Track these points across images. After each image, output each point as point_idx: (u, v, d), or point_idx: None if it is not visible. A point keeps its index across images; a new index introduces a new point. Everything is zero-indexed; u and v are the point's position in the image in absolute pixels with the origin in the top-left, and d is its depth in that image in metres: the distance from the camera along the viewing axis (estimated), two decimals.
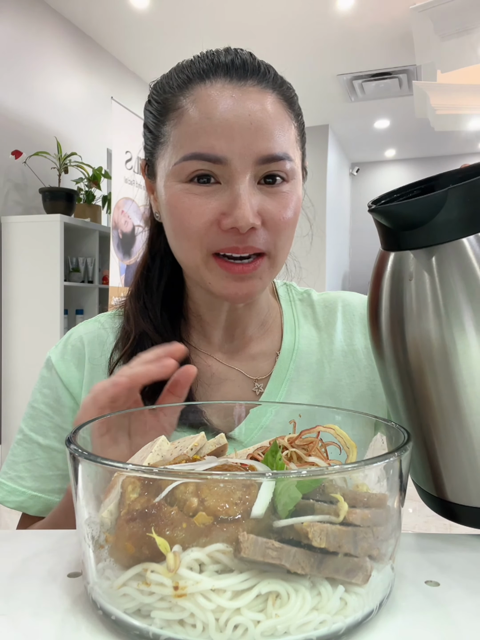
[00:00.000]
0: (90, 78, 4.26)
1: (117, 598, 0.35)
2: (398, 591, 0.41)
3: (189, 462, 0.45)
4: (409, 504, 2.39)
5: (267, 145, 0.63)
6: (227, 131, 0.62)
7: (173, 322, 0.77)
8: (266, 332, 0.81)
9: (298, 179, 0.69)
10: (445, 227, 0.44)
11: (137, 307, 0.76)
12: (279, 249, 0.67)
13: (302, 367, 0.78)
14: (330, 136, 6.52)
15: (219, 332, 0.78)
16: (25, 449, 0.75)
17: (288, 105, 0.68)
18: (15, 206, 3.57)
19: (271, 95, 0.65)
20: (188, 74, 0.66)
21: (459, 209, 0.43)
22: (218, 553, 0.33)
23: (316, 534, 0.33)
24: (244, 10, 3.90)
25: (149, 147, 0.72)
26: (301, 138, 0.72)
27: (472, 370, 0.44)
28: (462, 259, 0.43)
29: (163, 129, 0.67)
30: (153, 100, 0.69)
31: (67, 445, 0.39)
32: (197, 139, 0.63)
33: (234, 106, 0.62)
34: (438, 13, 3.47)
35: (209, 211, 0.63)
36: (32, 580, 0.43)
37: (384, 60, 4.73)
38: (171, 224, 0.67)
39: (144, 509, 0.34)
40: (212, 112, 0.62)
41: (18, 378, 3.45)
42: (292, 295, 0.86)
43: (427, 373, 0.46)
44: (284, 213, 0.66)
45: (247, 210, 0.61)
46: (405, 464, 0.38)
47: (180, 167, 0.64)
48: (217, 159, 0.62)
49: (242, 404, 0.61)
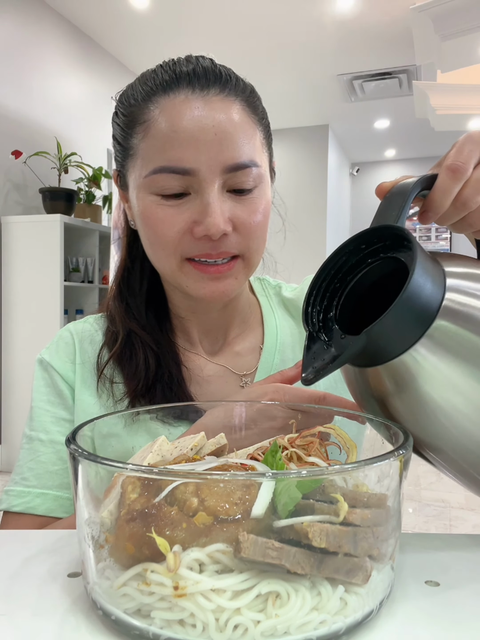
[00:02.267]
0: (90, 78, 4.26)
1: (117, 598, 0.35)
2: (398, 591, 0.41)
3: (188, 462, 0.45)
4: (409, 504, 2.40)
5: (233, 155, 0.65)
6: (193, 143, 0.63)
7: (159, 321, 0.79)
8: (248, 328, 0.83)
9: (266, 182, 0.71)
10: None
11: (121, 308, 0.78)
12: (252, 251, 0.70)
13: (288, 359, 0.80)
14: (330, 136, 6.51)
15: (201, 335, 0.80)
16: (28, 450, 0.75)
17: (252, 111, 0.69)
18: (15, 206, 3.57)
19: (234, 103, 0.67)
20: (151, 85, 0.67)
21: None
22: (218, 553, 0.33)
23: (316, 534, 0.33)
24: (243, 10, 3.90)
25: (119, 159, 0.73)
26: (267, 140, 0.73)
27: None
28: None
29: (131, 141, 0.69)
30: (120, 113, 0.71)
31: (67, 445, 0.39)
32: (164, 152, 0.64)
33: (198, 118, 0.64)
34: (438, 13, 3.47)
35: (181, 221, 0.66)
36: (32, 580, 0.43)
37: (384, 60, 4.72)
38: (145, 233, 0.70)
39: (144, 509, 0.34)
40: (178, 125, 0.64)
41: (18, 378, 3.45)
42: (267, 289, 0.88)
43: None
44: (254, 217, 0.68)
45: (218, 217, 0.64)
46: (405, 464, 0.38)
47: (150, 179, 0.66)
48: (186, 171, 0.64)
49: (243, 403, 0.61)
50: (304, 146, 6.44)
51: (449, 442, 0.44)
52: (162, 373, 0.74)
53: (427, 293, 0.40)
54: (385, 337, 0.40)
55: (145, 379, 0.73)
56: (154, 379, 0.73)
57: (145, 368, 0.73)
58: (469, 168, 0.46)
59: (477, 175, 0.46)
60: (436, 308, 0.41)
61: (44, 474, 0.74)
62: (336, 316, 0.47)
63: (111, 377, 0.75)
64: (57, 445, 0.75)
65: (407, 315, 0.40)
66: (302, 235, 6.09)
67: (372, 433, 0.47)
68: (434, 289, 0.41)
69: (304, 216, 6.29)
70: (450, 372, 0.41)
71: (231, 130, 0.65)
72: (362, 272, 0.47)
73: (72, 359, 0.78)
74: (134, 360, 0.74)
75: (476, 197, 0.46)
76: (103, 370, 0.75)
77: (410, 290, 0.39)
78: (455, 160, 0.45)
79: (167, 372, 0.74)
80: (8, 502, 0.73)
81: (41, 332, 3.35)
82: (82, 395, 0.76)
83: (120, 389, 0.75)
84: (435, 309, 0.41)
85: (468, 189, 0.46)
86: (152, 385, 0.73)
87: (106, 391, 0.75)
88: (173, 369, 0.75)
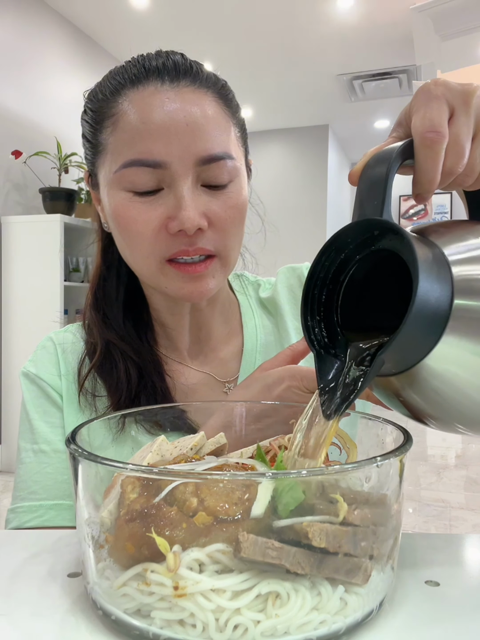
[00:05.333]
0: (90, 78, 4.22)
1: (117, 598, 0.35)
2: (398, 591, 0.41)
3: (188, 462, 0.45)
4: (409, 504, 2.40)
5: (206, 146, 0.62)
6: (163, 134, 0.61)
7: (138, 329, 0.76)
8: (230, 331, 0.81)
9: (242, 177, 0.68)
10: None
11: (97, 318, 0.75)
12: (229, 250, 0.67)
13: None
14: (330, 136, 6.51)
15: (184, 337, 0.78)
16: (30, 464, 0.72)
17: (225, 103, 0.67)
18: (15, 206, 3.57)
19: (206, 95, 0.65)
20: (120, 79, 0.66)
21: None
22: (218, 553, 0.33)
23: (316, 534, 0.33)
24: (243, 10, 3.90)
25: (89, 157, 0.71)
26: (242, 135, 0.71)
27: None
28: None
29: (100, 137, 0.66)
30: (88, 109, 0.69)
31: (67, 445, 0.39)
32: (134, 145, 0.62)
33: (168, 108, 0.62)
34: (438, 13, 3.48)
35: (155, 218, 0.63)
36: (32, 580, 0.42)
37: (384, 60, 4.72)
38: (120, 234, 0.67)
39: (143, 509, 0.34)
40: (147, 116, 0.62)
41: (18, 378, 3.44)
42: (246, 287, 0.86)
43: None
44: (230, 212, 0.65)
45: (192, 211, 0.61)
46: (405, 464, 0.38)
47: (120, 174, 0.63)
48: (157, 164, 0.62)
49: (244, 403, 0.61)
50: (304, 146, 6.43)
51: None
52: (144, 384, 0.71)
53: (435, 295, 0.37)
54: (407, 348, 0.38)
55: (128, 391, 0.70)
56: (137, 390, 0.71)
57: (127, 380, 0.71)
58: (444, 132, 0.40)
59: (454, 137, 0.41)
60: (448, 306, 0.37)
61: (53, 484, 0.70)
62: (339, 321, 0.44)
63: (93, 390, 0.73)
64: (61, 455, 0.72)
65: (421, 326, 0.37)
66: (302, 235, 6.09)
67: (373, 433, 0.47)
68: (441, 286, 0.37)
69: (304, 216, 6.29)
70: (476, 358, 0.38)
71: (203, 121, 0.62)
72: (354, 267, 0.43)
73: (57, 370, 0.75)
74: (114, 372, 0.72)
75: (461, 161, 0.42)
76: (84, 383, 0.73)
77: (419, 302, 0.35)
78: (429, 128, 0.40)
79: (150, 383, 0.72)
80: (18, 520, 0.69)
81: (41, 332, 3.33)
82: (69, 408, 0.73)
83: (104, 402, 0.72)
84: (448, 308, 0.37)
85: (451, 156, 0.41)
86: (135, 397, 0.70)
87: (89, 405, 0.72)
88: (156, 379, 0.73)
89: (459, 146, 0.41)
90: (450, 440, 4.21)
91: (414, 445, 0.41)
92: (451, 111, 0.42)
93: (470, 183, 0.44)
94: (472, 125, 0.42)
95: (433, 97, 0.41)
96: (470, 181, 0.44)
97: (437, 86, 0.42)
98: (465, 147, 0.41)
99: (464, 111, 0.42)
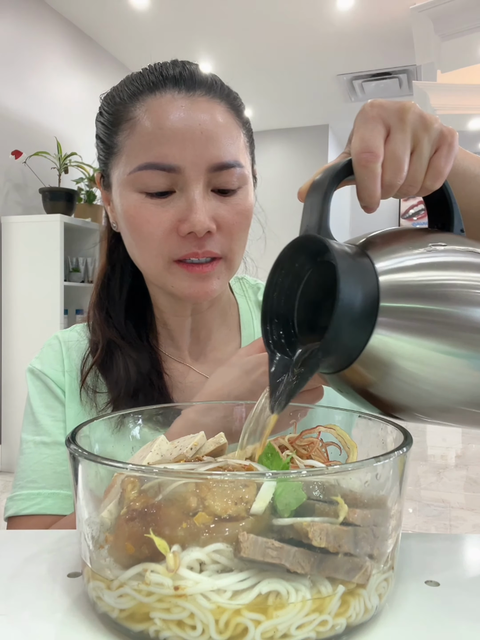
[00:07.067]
0: (90, 78, 4.26)
1: (117, 598, 0.35)
2: (398, 591, 0.41)
3: (188, 462, 0.45)
4: (409, 504, 2.40)
5: (218, 154, 0.66)
6: (179, 140, 0.64)
7: (139, 329, 0.79)
8: (229, 332, 0.83)
9: (250, 184, 0.72)
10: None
11: (100, 317, 0.78)
12: (234, 253, 0.70)
13: None
14: (330, 136, 6.51)
15: (185, 337, 0.80)
16: (31, 454, 0.75)
17: (236, 114, 0.71)
18: (15, 206, 3.57)
19: (219, 105, 0.68)
20: (138, 85, 0.68)
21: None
22: (218, 553, 0.33)
23: (316, 534, 0.33)
24: (243, 10, 3.90)
25: (102, 158, 0.73)
26: (250, 145, 0.74)
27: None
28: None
29: (116, 139, 0.69)
30: (104, 112, 0.72)
31: (67, 445, 0.39)
32: (150, 149, 0.65)
33: (184, 116, 0.65)
34: (438, 13, 3.48)
35: (166, 219, 0.66)
36: (32, 580, 0.42)
37: (384, 60, 4.72)
38: (130, 233, 0.70)
39: (143, 509, 0.34)
40: (164, 122, 0.65)
41: (18, 378, 3.45)
42: (246, 290, 0.89)
43: None
44: (237, 218, 0.69)
45: (203, 214, 0.64)
46: (405, 464, 0.38)
47: (134, 176, 0.66)
48: (171, 168, 0.64)
49: (242, 404, 0.61)
50: (304, 146, 6.43)
51: (441, 401, 0.44)
52: (143, 381, 0.74)
53: (359, 298, 0.40)
54: (338, 348, 0.41)
55: (126, 387, 0.73)
56: (135, 387, 0.73)
57: (126, 377, 0.74)
58: (379, 153, 0.43)
59: (391, 154, 0.44)
60: (375, 299, 0.40)
61: (52, 474, 0.74)
62: (294, 327, 0.47)
63: (94, 387, 0.76)
64: (61, 447, 0.75)
65: (348, 326, 0.40)
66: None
67: (373, 433, 0.47)
68: (366, 289, 0.41)
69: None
70: (412, 346, 0.41)
71: (216, 130, 0.66)
72: (307, 275, 0.46)
73: (61, 367, 0.78)
74: (114, 369, 0.75)
75: (399, 174, 0.44)
76: (85, 379, 0.76)
77: (342, 305, 0.39)
78: (363, 149, 0.43)
79: (149, 380, 0.74)
80: (16, 507, 0.72)
81: (41, 332, 3.35)
82: (71, 403, 0.77)
83: (104, 398, 0.75)
84: (375, 301, 0.40)
85: (389, 172, 0.44)
86: (134, 394, 0.73)
87: (89, 401, 0.75)
88: (154, 376, 0.75)
89: (396, 161, 0.44)
90: (450, 440, 4.21)
91: (414, 445, 0.41)
92: (387, 129, 0.44)
93: (415, 192, 0.47)
94: (409, 140, 0.44)
95: (369, 118, 0.44)
96: (414, 191, 0.47)
97: (372, 107, 0.45)
98: (403, 162, 0.44)
99: (399, 128, 0.44)
